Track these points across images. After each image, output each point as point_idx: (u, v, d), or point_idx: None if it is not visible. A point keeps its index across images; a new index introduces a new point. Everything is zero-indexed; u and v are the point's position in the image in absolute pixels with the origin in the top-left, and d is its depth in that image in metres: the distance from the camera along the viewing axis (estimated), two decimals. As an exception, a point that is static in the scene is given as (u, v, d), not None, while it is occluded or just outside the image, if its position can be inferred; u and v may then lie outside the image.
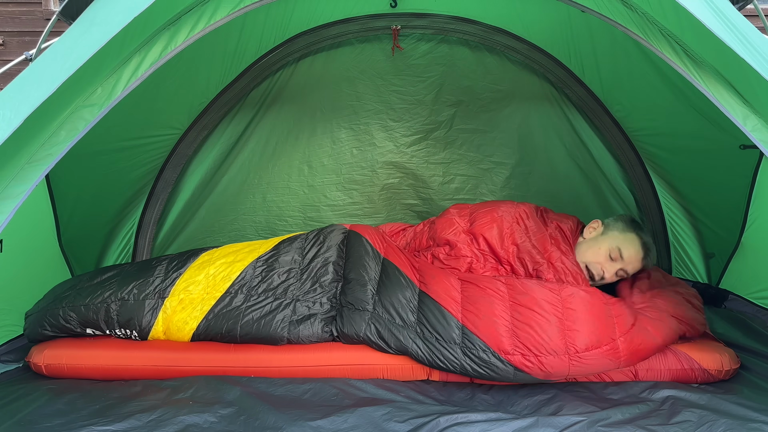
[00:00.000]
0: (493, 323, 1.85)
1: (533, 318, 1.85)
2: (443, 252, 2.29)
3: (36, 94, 1.41)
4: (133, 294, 1.99)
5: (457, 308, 1.92)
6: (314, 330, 1.93)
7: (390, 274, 2.07)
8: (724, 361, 1.90)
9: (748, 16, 1.89)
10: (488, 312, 1.88)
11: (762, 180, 2.19)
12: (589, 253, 2.23)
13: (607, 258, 2.19)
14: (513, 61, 2.79)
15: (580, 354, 1.79)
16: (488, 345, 1.82)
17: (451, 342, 1.85)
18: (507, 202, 2.44)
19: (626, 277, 2.23)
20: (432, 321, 1.90)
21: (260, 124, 2.92)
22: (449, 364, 1.83)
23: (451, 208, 2.46)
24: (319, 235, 2.25)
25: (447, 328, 1.87)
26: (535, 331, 1.82)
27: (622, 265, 2.19)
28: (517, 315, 1.87)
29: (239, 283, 2.04)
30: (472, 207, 2.44)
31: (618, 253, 2.18)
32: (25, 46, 4.88)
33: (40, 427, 1.52)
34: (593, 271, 2.19)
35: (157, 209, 2.84)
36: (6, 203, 1.45)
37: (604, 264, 2.19)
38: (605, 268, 2.18)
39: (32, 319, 2.03)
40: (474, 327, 1.86)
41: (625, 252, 2.19)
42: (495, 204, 2.40)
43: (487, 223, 2.28)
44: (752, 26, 1.60)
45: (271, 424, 1.53)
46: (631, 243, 2.21)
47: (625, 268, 2.20)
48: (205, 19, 1.64)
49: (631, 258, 2.20)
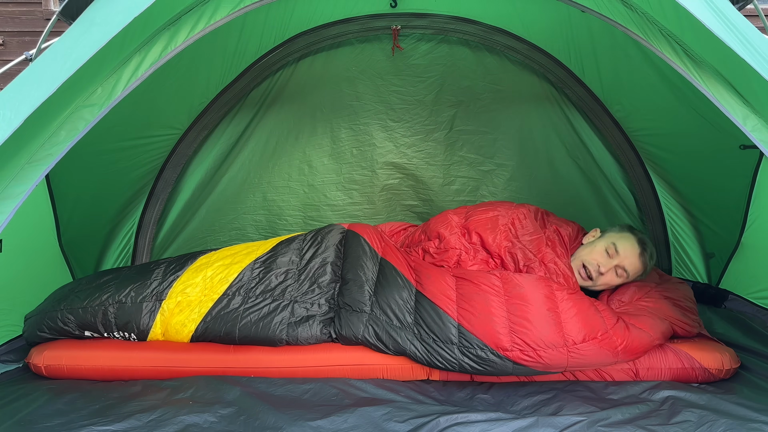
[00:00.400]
0: (490, 320, 1.86)
1: (529, 312, 1.86)
2: (433, 245, 2.30)
3: (36, 94, 1.41)
4: (130, 297, 1.99)
5: (452, 307, 1.93)
6: (313, 332, 1.93)
7: (387, 275, 2.07)
8: (725, 361, 1.90)
9: (748, 16, 1.89)
10: (484, 309, 1.89)
11: (762, 180, 2.19)
12: (585, 252, 2.22)
13: (603, 254, 2.18)
14: (513, 61, 2.79)
15: (578, 345, 1.81)
16: (486, 343, 1.82)
17: (448, 342, 1.85)
18: (506, 203, 2.44)
19: (627, 279, 2.18)
20: (429, 322, 1.90)
21: (260, 124, 2.92)
22: (447, 364, 1.84)
23: (448, 210, 2.47)
24: (317, 236, 2.24)
25: (444, 329, 1.87)
26: (533, 325, 1.83)
27: (619, 261, 2.15)
28: (513, 310, 1.88)
29: (237, 285, 2.04)
30: (470, 207, 2.44)
31: (614, 249, 2.16)
32: (25, 46, 4.88)
33: (40, 427, 1.52)
34: (590, 267, 2.16)
35: (157, 209, 2.84)
36: (6, 203, 1.45)
37: (600, 260, 2.17)
38: (601, 264, 2.15)
39: (31, 321, 2.03)
40: (470, 325, 1.86)
41: (620, 246, 2.17)
42: (493, 204, 2.41)
43: (482, 220, 2.29)
44: (752, 26, 1.60)
45: (271, 424, 1.53)
46: (627, 239, 2.20)
47: (623, 265, 2.15)
48: (205, 19, 1.64)
49: (626, 252, 2.16)
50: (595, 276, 2.16)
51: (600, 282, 2.17)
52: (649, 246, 2.22)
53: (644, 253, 2.19)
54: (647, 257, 2.20)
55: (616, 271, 2.17)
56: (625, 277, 2.18)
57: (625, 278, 2.18)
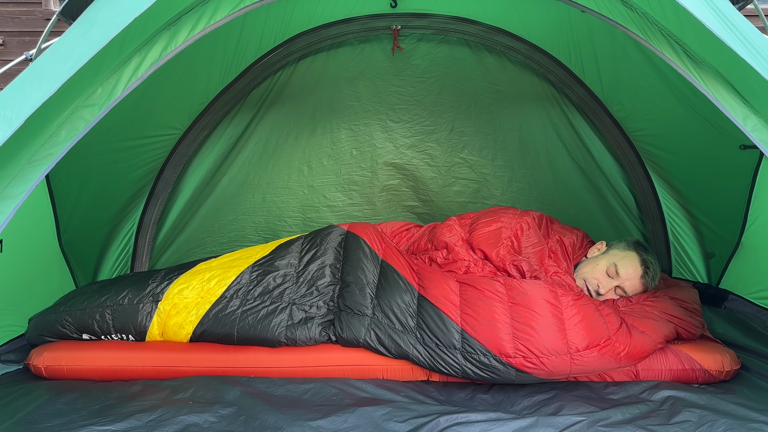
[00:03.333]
0: (494, 327, 1.84)
1: (533, 319, 1.85)
2: (441, 255, 2.29)
3: (36, 94, 1.41)
4: (128, 298, 2.00)
5: (456, 312, 1.91)
6: (311, 334, 1.93)
7: (389, 277, 2.06)
8: (725, 362, 1.90)
9: (748, 16, 1.89)
10: (488, 315, 1.87)
11: (762, 180, 2.19)
12: (587, 268, 2.23)
13: (603, 274, 2.18)
14: (513, 61, 2.79)
15: (581, 353, 1.79)
16: (489, 349, 1.81)
17: (451, 347, 1.84)
18: (510, 210, 2.41)
19: (627, 296, 2.18)
20: (431, 326, 1.89)
21: (260, 124, 2.92)
22: (450, 369, 1.83)
23: (453, 216, 2.46)
24: (316, 238, 2.24)
25: (447, 334, 1.86)
26: (536, 332, 1.82)
27: (619, 282, 2.16)
28: (517, 317, 1.86)
29: (234, 287, 2.04)
30: (474, 216, 2.43)
31: (614, 270, 2.17)
32: (25, 46, 4.88)
33: (40, 427, 1.52)
34: (589, 286, 2.18)
35: (157, 209, 2.84)
36: (6, 203, 1.45)
37: (601, 280, 2.17)
38: (601, 284, 2.16)
39: (33, 323, 2.04)
40: (474, 331, 1.85)
41: (622, 269, 2.16)
42: (497, 214, 2.38)
43: (484, 235, 2.27)
44: (752, 26, 1.60)
45: (271, 424, 1.53)
46: (630, 260, 2.19)
47: (623, 286, 2.16)
48: (205, 19, 1.64)
49: (628, 275, 2.16)
50: (595, 295, 2.17)
51: (600, 298, 2.16)
52: (652, 267, 2.20)
53: (646, 275, 2.18)
54: (649, 279, 2.19)
55: (615, 290, 2.18)
56: (623, 295, 2.18)
57: (624, 296, 2.18)
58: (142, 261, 2.86)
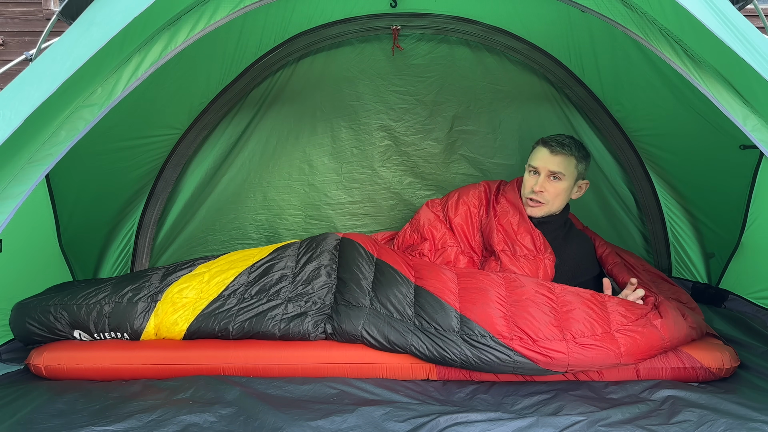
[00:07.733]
0: (491, 309, 1.91)
1: (530, 306, 1.92)
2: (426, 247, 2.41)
3: (36, 94, 1.41)
4: (127, 297, 2.01)
5: (454, 299, 1.97)
6: (305, 327, 1.95)
7: (384, 272, 2.11)
8: (725, 359, 1.90)
9: (748, 16, 1.89)
10: (485, 300, 1.94)
11: (762, 180, 2.19)
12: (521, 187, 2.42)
13: (528, 178, 2.35)
14: (513, 61, 2.79)
15: (577, 339, 1.82)
16: (486, 329, 1.85)
17: (450, 331, 1.87)
18: (467, 188, 2.59)
19: (569, 178, 2.29)
20: (430, 312, 1.93)
21: (260, 123, 2.91)
22: (450, 353, 1.83)
23: (423, 206, 2.64)
24: (312, 242, 2.30)
25: (446, 317, 1.90)
26: (533, 317, 1.88)
27: (537, 165, 2.30)
28: (514, 304, 1.93)
29: (233, 287, 2.08)
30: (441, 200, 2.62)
31: (530, 166, 2.34)
32: (25, 46, 4.89)
33: (40, 427, 1.52)
34: (527, 195, 2.33)
35: (157, 209, 2.84)
36: (6, 203, 1.45)
37: (526, 181, 2.34)
38: (527, 183, 2.34)
39: (21, 311, 1.99)
40: (472, 314, 1.90)
41: (535, 160, 2.32)
42: (457, 190, 2.60)
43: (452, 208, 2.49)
44: (752, 26, 1.60)
45: (271, 424, 1.52)
46: (538, 151, 2.34)
47: (549, 171, 2.27)
48: (205, 19, 1.64)
49: (539, 157, 2.30)
50: (539, 197, 2.30)
51: (549, 198, 2.30)
52: (555, 139, 2.31)
53: (553, 149, 2.28)
54: (561, 149, 2.28)
55: (548, 179, 2.30)
56: (563, 178, 2.28)
57: (565, 179, 2.28)
58: (142, 261, 2.86)
